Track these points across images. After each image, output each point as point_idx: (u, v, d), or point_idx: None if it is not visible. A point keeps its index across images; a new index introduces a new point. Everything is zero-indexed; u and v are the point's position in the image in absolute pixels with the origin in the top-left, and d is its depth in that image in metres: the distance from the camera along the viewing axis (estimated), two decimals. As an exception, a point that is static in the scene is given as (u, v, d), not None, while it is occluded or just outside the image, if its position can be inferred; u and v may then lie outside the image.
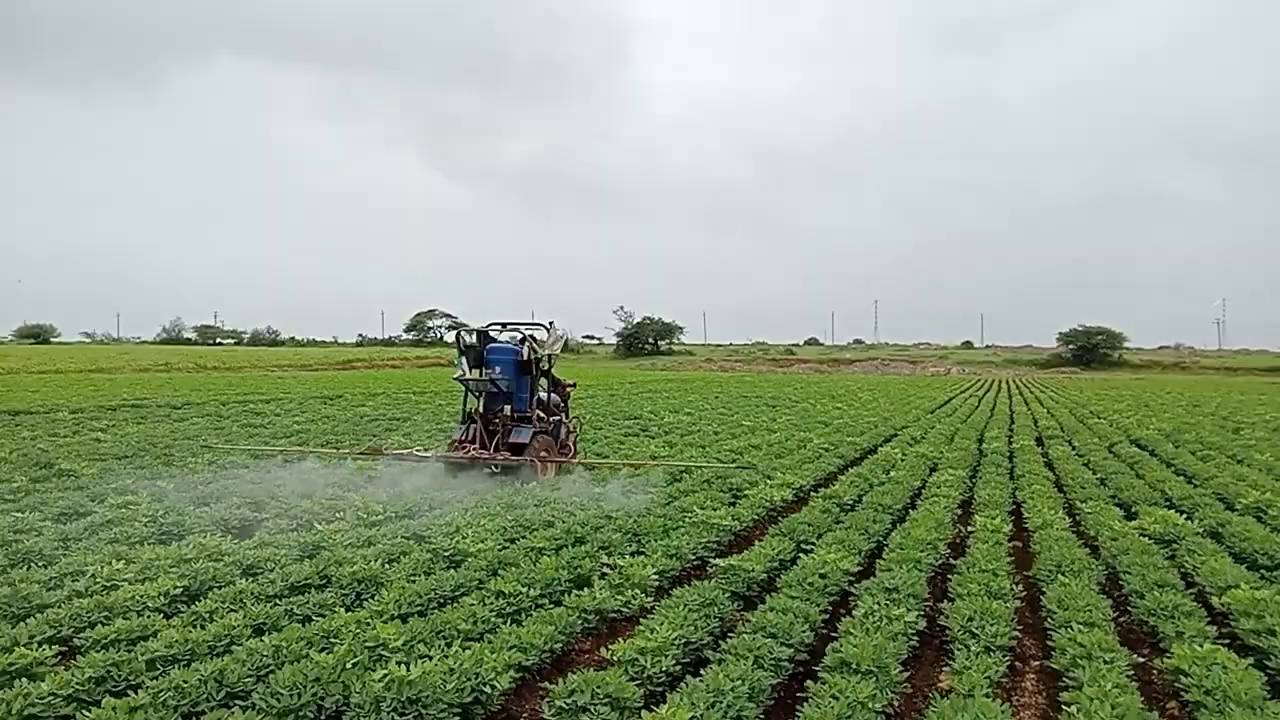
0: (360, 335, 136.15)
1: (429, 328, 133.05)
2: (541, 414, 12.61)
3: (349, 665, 4.75)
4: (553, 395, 13.18)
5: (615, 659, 5.09)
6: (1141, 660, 5.53)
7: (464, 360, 12.42)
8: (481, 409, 12.44)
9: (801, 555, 7.86)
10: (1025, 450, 16.66)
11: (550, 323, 12.78)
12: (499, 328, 12.85)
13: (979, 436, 19.75)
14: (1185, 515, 9.70)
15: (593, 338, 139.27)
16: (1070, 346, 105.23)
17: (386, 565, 7.13)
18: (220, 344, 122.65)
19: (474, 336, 12.53)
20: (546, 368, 12.78)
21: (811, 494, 11.47)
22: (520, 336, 12.61)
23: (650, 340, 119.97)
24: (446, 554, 7.55)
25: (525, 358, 12.35)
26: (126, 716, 4.14)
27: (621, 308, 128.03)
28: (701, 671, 4.93)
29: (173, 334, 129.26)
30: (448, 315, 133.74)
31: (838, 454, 15.44)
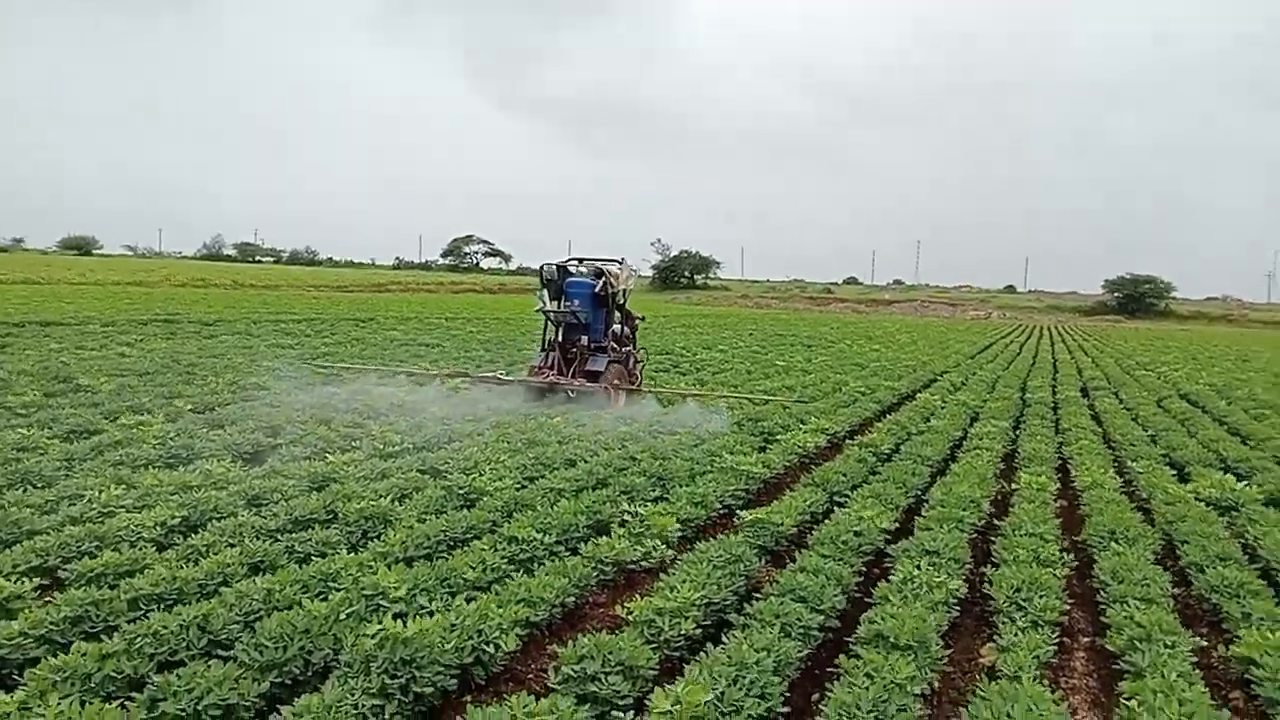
0: (397, 259, 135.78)
1: (466, 253, 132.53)
2: (614, 345, 13.58)
3: (343, 615, 4.40)
4: (624, 327, 14.06)
5: (631, 619, 4.70)
6: (1204, 644, 5.06)
7: (545, 292, 13.30)
8: (560, 338, 13.41)
9: (835, 509, 7.46)
10: (1070, 402, 16.05)
11: (622, 259, 13.69)
12: (576, 262, 13.57)
13: (1022, 385, 19.13)
14: (1243, 480, 9.14)
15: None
16: (1116, 294, 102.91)
17: (397, 502, 6.81)
18: (259, 261, 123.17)
19: (555, 271, 13.29)
20: (621, 302, 13.77)
21: (846, 441, 11.09)
22: (596, 270, 13.38)
23: (686, 274, 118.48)
24: (461, 491, 7.21)
25: (601, 291, 13.22)
26: (96, 664, 3.81)
27: (659, 240, 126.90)
28: (724, 638, 4.54)
29: (213, 250, 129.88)
30: (485, 241, 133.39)
31: (874, 399, 14.93)
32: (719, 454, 9.09)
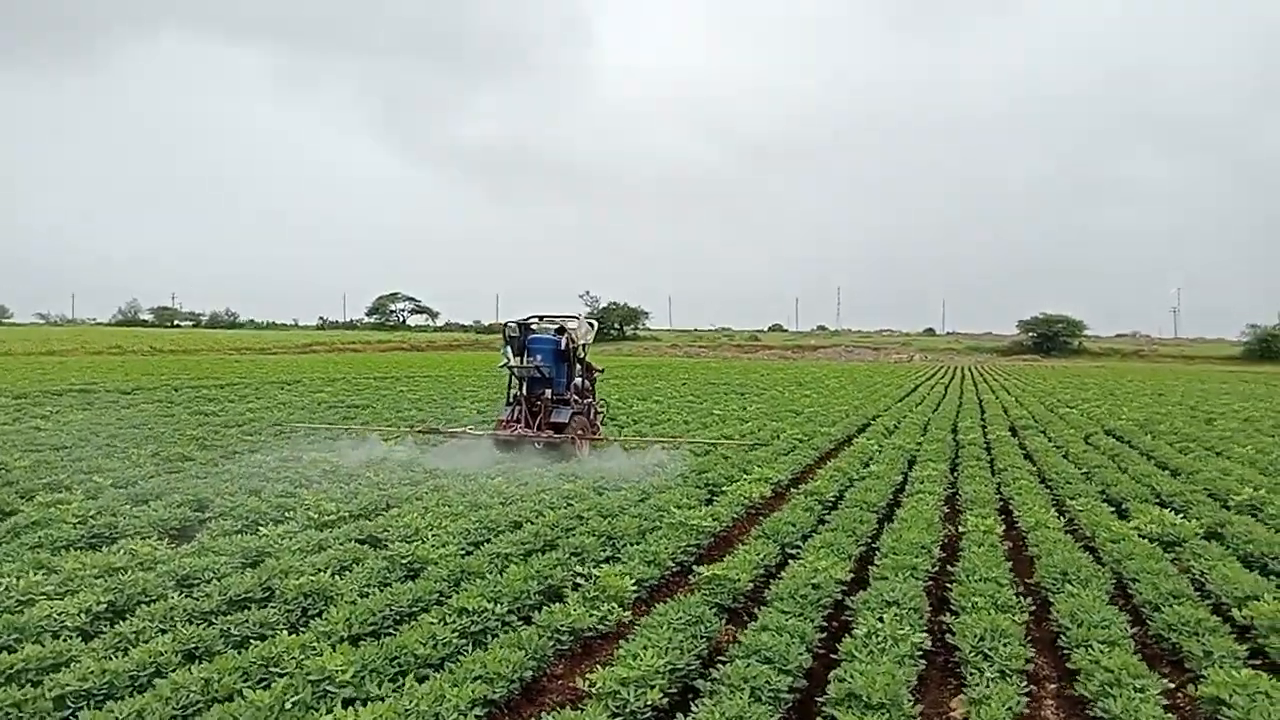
0: (321, 318, 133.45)
1: (391, 311, 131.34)
2: (576, 397, 14.13)
3: (289, 705, 4.12)
4: (584, 380, 14.64)
5: (594, 690, 4.50)
6: (1171, 685, 5.03)
7: (508, 349, 13.92)
8: (525, 392, 13.88)
9: (788, 561, 7.35)
10: (1002, 442, 16.28)
11: (582, 315, 14.57)
12: (537, 319, 14.27)
13: (953, 427, 19.37)
14: (1180, 514, 9.28)
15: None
16: (1031, 334, 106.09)
17: (337, 576, 6.49)
18: (178, 326, 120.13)
19: (518, 328, 13.91)
20: (582, 355, 14.44)
21: (791, 490, 11.02)
22: (558, 327, 14.07)
23: (616, 325, 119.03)
24: (404, 561, 6.91)
25: (564, 347, 13.88)
26: (19, 776, 3.48)
27: (588, 292, 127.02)
28: (693, 706, 4.36)
29: (129, 315, 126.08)
30: (410, 298, 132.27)
31: (812, 445, 14.96)
32: (666, 509, 8.94)
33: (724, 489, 10.36)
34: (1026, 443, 16.43)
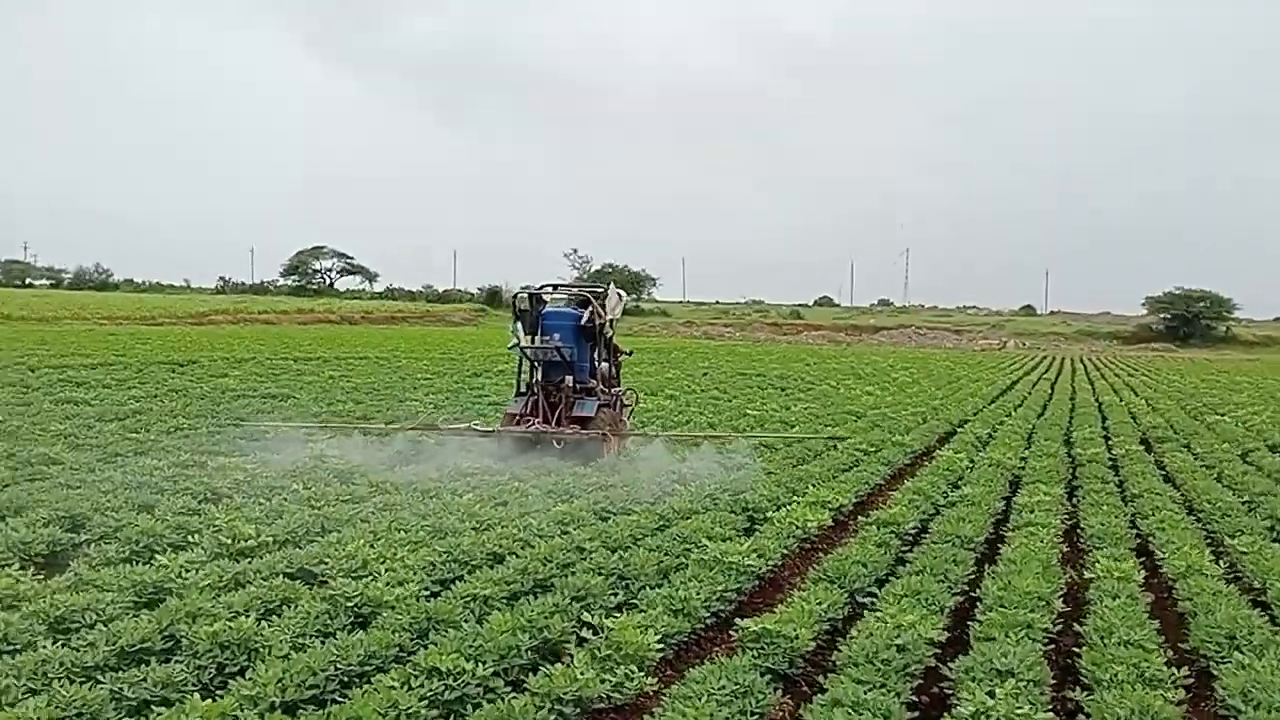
0: (222, 279, 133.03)
1: (315, 271, 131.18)
2: (602, 386, 14.69)
3: (208, 794, 4.08)
4: (611, 365, 15.24)
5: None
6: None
7: (519, 326, 14.36)
8: (540, 379, 14.37)
9: (861, 613, 7.32)
10: (1132, 458, 16.27)
11: (611, 284, 14.93)
12: (550, 289, 15.09)
13: (1065, 437, 19.41)
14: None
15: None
16: (1163, 316, 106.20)
17: (263, 621, 6.44)
18: (31, 285, 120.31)
19: (528, 300, 14.47)
20: (609, 335, 14.98)
21: (857, 517, 11.02)
22: (580, 298, 14.74)
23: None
24: (350, 604, 6.88)
25: (587, 323, 14.34)
26: None
27: (575, 251, 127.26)
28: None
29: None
30: (341, 255, 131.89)
31: (881, 459, 14.98)
32: (694, 540, 8.93)
33: (768, 515, 10.35)
34: (1165, 460, 16.41)
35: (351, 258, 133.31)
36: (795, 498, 11.21)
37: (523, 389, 14.61)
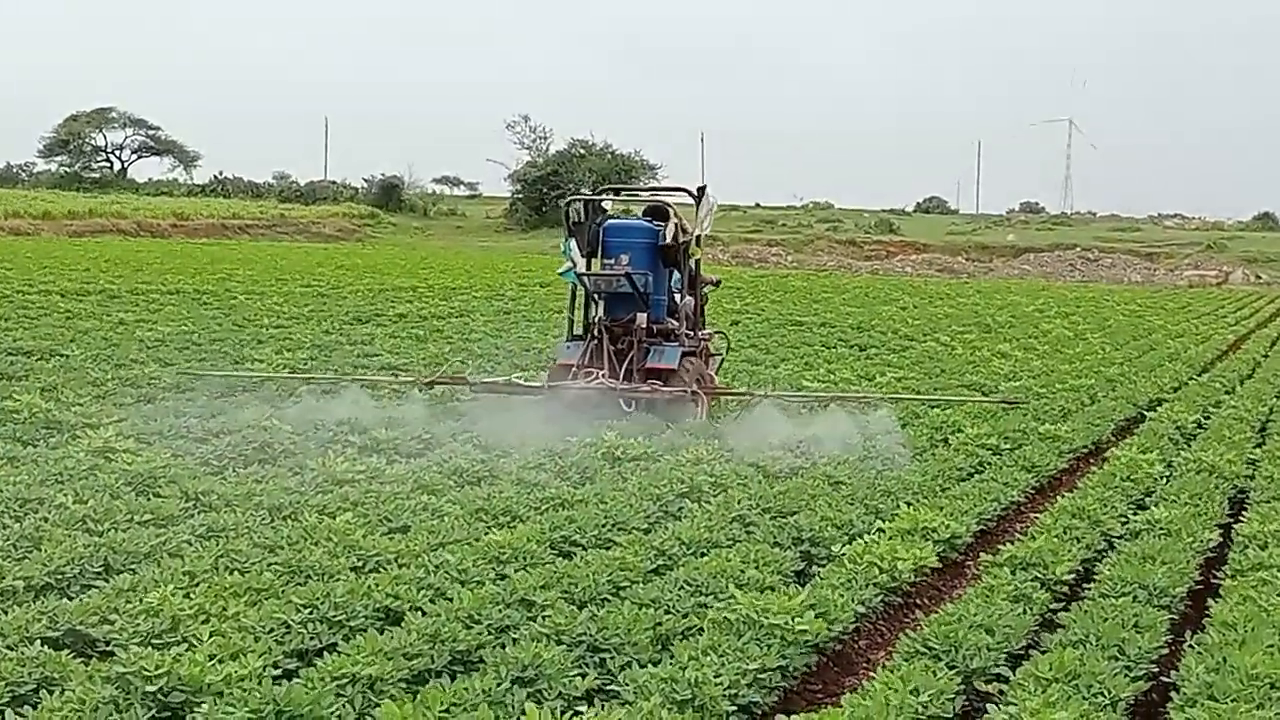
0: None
1: (96, 149, 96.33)
2: (687, 328, 12.68)
3: None
4: (695, 299, 13.04)
5: None
6: None
7: (571, 244, 12.23)
8: (604, 318, 12.34)
9: (984, 707, 5.36)
10: None
11: (701, 187, 12.66)
12: (611, 194, 13.59)
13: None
14: None
15: (459, 183, 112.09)
16: None
17: (18, 713, 5.03)
18: None
19: (583, 210, 12.45)
20: (697, 258, 12.87)
21: (979, 554, 8.54)
22: (656, 208, 12.72)
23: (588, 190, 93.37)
24: (153, 689, 4.93)
25: (667, 241, 12.18)
26: None
27: (523, 118, 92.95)
28: None
29: None
30: (138, 123, 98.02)
31: (1021, 461, 11.53)
32: (714, 588, 6.55)
33: (831, 548, 7.82)
34: None
35: (157, 128, 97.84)
36: (878, 520, 8.62)
37: (578, 330, 12.60)
